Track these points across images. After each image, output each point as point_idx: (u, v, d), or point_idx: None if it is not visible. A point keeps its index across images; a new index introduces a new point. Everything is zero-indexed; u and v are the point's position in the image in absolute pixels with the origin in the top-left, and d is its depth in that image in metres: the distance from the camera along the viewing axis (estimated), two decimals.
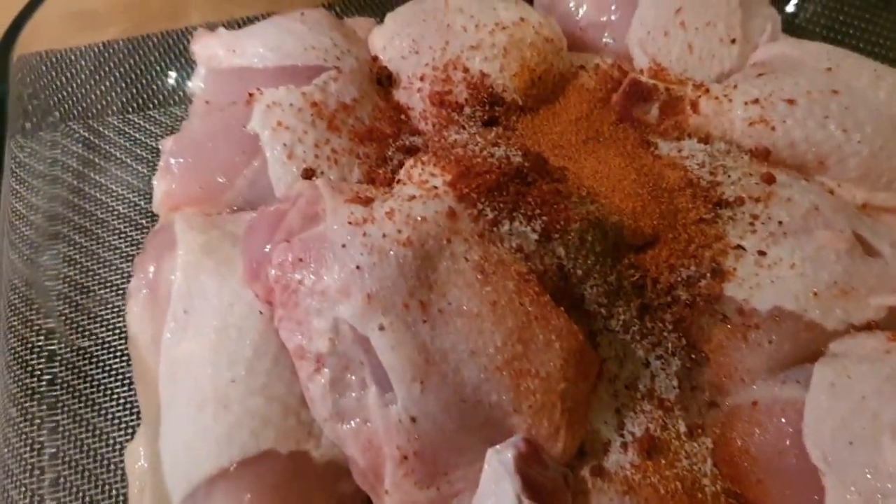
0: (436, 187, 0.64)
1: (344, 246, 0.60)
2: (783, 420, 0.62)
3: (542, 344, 0.60)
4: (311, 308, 0.60)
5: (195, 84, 0.84)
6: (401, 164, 0.74)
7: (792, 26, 0.97)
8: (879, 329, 0.66)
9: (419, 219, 0.61)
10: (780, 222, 0.67)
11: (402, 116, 0.77)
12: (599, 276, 0.64)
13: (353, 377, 0.60)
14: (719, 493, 0.61)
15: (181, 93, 0.91)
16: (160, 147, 0.77)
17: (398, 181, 0.71)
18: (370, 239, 0.60)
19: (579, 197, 0.66)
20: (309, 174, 0.72)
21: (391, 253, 0.59)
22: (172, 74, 0.93)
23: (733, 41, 0.81)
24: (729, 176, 0.70)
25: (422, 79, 0.76)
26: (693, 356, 0.65)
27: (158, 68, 0.94)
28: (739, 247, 0.66)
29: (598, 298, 0.63)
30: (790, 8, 1.00)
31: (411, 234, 0.60)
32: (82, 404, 0.71)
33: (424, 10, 0.81)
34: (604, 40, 0.85)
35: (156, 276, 0.67)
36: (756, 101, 0.73)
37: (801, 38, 0.94)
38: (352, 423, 0.60)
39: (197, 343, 0.63)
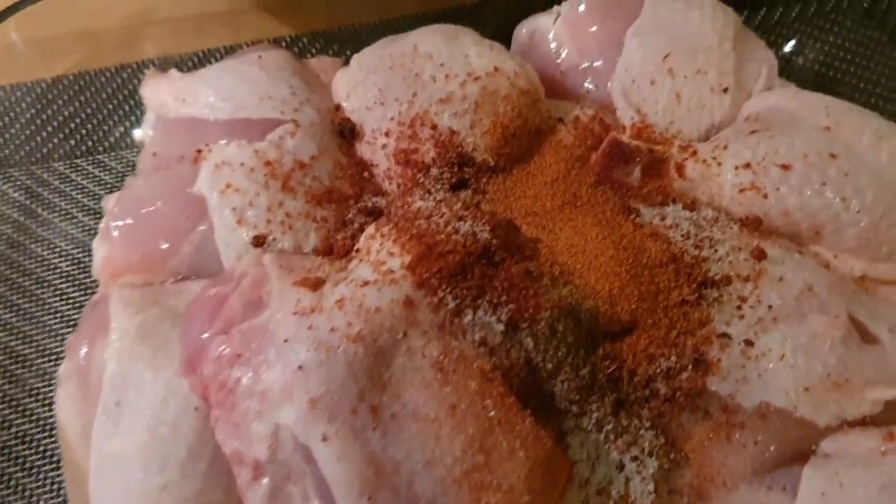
0: (392, 270, 0.57)
1: (287, 341, 0.54)
2: None
3: (506, 452, 0.54)
4: (249, 410, 0.54)
5: (144, 132, 0.77)
6: (362, 228, 0.68)
7: (790, 64, 0.91)
8: (876, 424, 0.60)
9: (372, 309, 0.55)
10: (771, 306, 0.61)
11: (366, 173, 0.71)
12: (571, 369, 0.58)
13: (295, 488, 0.55)
14: None
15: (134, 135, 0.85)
16: (102, 205, 0.71)
17: (357, 250, 0.65)
18: (316, 333, 0.54)
19: (551, 278, 0.60)
20: (260, 241, 0.66)
21: (339, 350, 0.54)
22: (125, 115, 0.87)
23: (725, 90, 0.75)
24: (716, 250, 0.64)
25: (387, 134, 0.70)
26: (672, 456, 0.59)
27: (111, 107, 0.87)
28: (725, 335, 0.60)
29: (569, 394, 0.58)
30: (788, 47, 0.93)
31: (363, 327, 0.54)
32: (12, 491, 0.65)
33: (392, 55, 0.74)
34: (585, 86, 0.79)
35: (88, 359, 0.62)
36: (748, 165, 0.66)
37: (800, 77, 0.88)
38: None
39: (128, 441, 0.57)
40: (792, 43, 0.93)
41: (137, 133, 0.82)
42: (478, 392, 0.54)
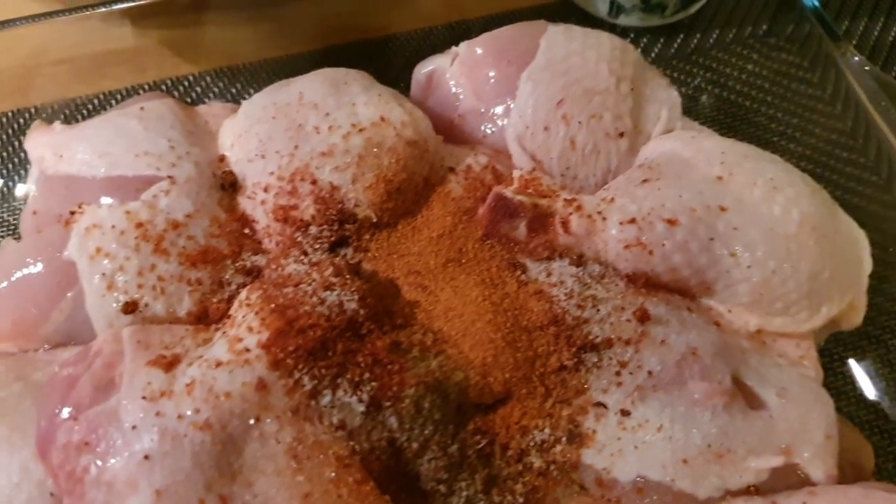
0: (248, 349, 0.55)
1: (134, 428, 0.52)
2: None
3: None
4: (97, 501, 0.52)
5: (28, 187, 0.75)
6: (239, 290, 0.65)
7: (697, 103, 0.89)
8: (761, 494, 0.59)
9: (222, 394, 0.53)
10: (651, 372, 0.59)
11: (247, 230, 0.69)
12: (439, 447, 0.56)
13: None
14: None
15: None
16: None
17: (229, 316, 0.62)
18: (164, 420, 0.52)
19: (422, 349, 0.58)
20: (131, 308, 0.63)
21: (186, 439, 0.52)
22: (20, 165, 0.84)
23: (621, 134, 0.73)
24: (598, 310, 0.62)
25: (266, 189, 0.68)
26: None
27: (4, 155, 0.85)
28: (601, 404, 0.58)
29: (436, 474, 0.56)
30: (705, 76, 0.91)
31: (211, 414, 0.52)
32: None
33: (277, 103, 0.72)
34: (483, 131, 0.76)
35: None
36: (633, 220, 0.64)
37: (718, 105, 0.86)
38: None
39: None
40: (709, 73, 0.90)
41: (20, 189, 0.79)
42: (333, 480, 0.52)
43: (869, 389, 0.74)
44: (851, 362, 0.75)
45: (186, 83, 0.91)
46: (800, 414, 0.61)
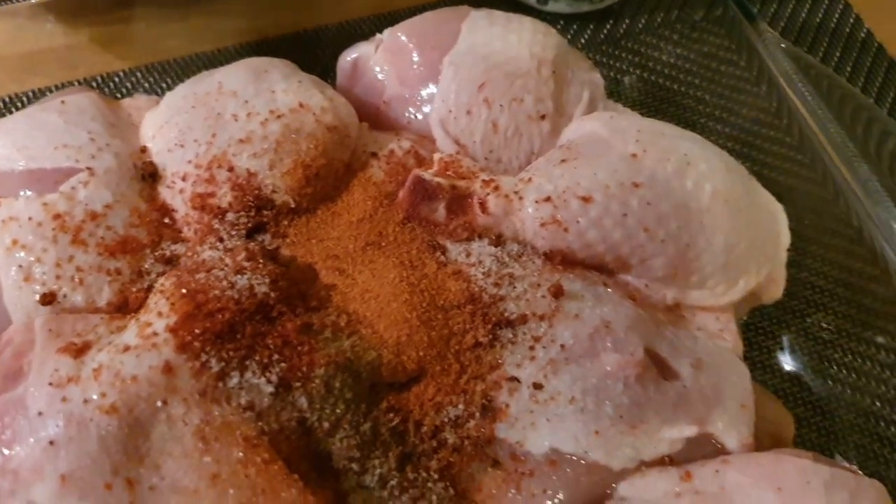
0: (156, 333, 0.55)
1: (40, 414, 0.52)
2: None
3: None
4: (3, 489, 0.52)
5: None
6: (160, 278, 0.65)
7: (624, 87, 0.90)
8: (675, 464, 0.59)
9: (129, 378, 0.53)
10: (563, 346, 0.60)
11: (167, 219, 0.68)
12: (350, 426, 0.56)
13: None
14: None
15: None
16: None
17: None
18: (69, 406, 0.52)
19: (334, 330, 0.58)
20: (49, 299, 0.63)
21: (92, 424, 0.51)
22: None
23: (543, 117, 0.73)
24: (514, 287, 0.63)
25: (184, 178, 0.68)
26: None
27: None
28: (514, 378, 0.58)
29: (348, 453, 0.56)
30: (633, 61, 0.92)
31: (117, 399, 0.52)
32: None
33: (197, 93, 0.72)
34: (407, 117, 0.76)
35: None
36: (548, 198, 0.65)
37: (648, 89, 0.87)
38: None
39: None
40: (637, 57, 0.91)
41: None
42: (240, 460, 0.52)
43: (791, 362, 0.75)
44: (774, 336, 0.76)
45: (117, 79, 0.91)
46: (714, 384, 0.61)
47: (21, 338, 0.57)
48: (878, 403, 0.73)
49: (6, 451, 0.53)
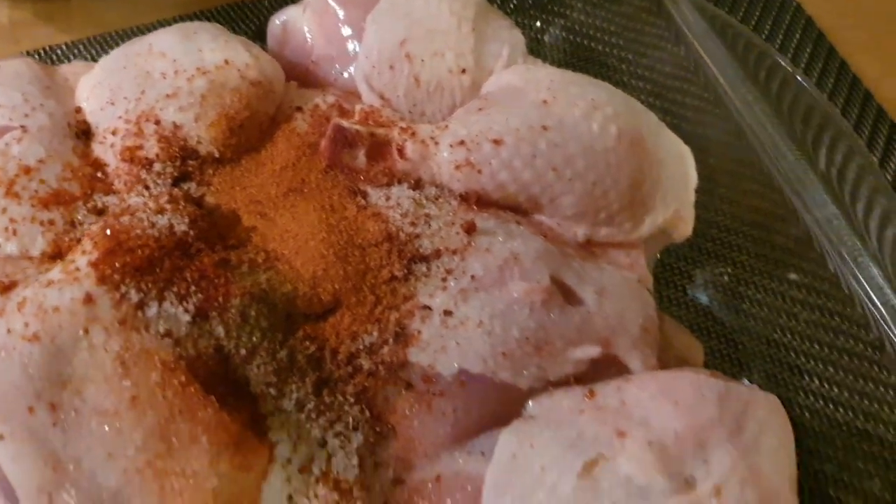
0: (79, 269, 0.58)
1: None
2: (461, 497, 0.58)
3: (187, 439, 0.55)
4: None
5: None
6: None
7: (546, 48, 0.93)
8: (582, 383, 0.62)
9: (51, 309, 0.56)
10: (474, 276, 0.63)
11: (99, 174, 0.71)
12: (267, 353, 0.59)
13: None
14: None
15: None
16: None
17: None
18: None
19: (251, 267, 0.61)
20: None
21: (15, 352, 0.54)
22: None
23: (463, 71, 0.76)
24: (430, 226, 0.66)
25: (114, 133, 0.71)
26: (378, 429, 0.61)
27: None
28: (426, 307, 0.62)
29: (265, 379, 0.59)
30: (558, 22, 0.95)
31: (40, 328, 0.55)
32: None
33: (128, 55, 0.75)
34: (334, 74, 0.79)
35: None
36: (462, 142, 0.68)
37: (565, 54, 0.91)
38: None
39: None
40: (562, 19, 0.95)
41: None
42: (158, 383, 0.55)
43: (703, 298, 0.79)
44: (687, 274, 0.80)
45: (59, 52, 0.93)
46: (617, 309, 0.65)
47: None
48: (788, 335, 0.77)
49: None
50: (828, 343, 0.77)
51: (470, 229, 0.65)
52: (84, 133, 0.74)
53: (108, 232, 0.61)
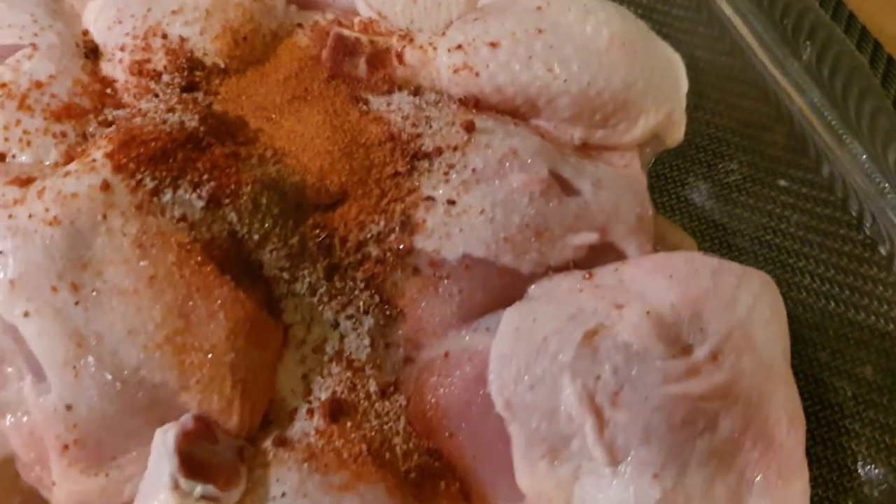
0: (95, 160, 0.60)
1: None
2: (469, 369, 0.60)
3: (205, 316, 0.57)
4: None
5: None
6: None
7: None
8: (580, 268, 0.65)
9: (69, 195, 0.58)
10: (474, 169, 0.66)
11: (108, 90, 0.73)
12: (279, 239, 0.61)
13: (11, 369, 0.58)
14: (412, 451, 0.60)
15: None
16: None
17: None
18: (15, 221, 0.57)
19: (260, 159, 0.64)
20: None
21: (36, 235, 0.56)
22: None
23: None
24: (431, 126, 0.68)
25: (122, 49, 0.73)
26: (387, 313, 0.63)
27: None
28: (430, 198, 0.64)
29: (278, 263, 0.61)
30: None
31: (59, 212, 0.57)
32: None
33: None
34: None
35: None
36: (459, 47, 0.70)
37: None
38: (13, 416, 0.57)
39: None
40: None
41: None
42: (175, 263, 0.57)
43: (697, 204, 0.81)
44: (681, 182, 0.82)
45: None
46: (613, 200, 0.68)
47: None
48: (780, 237, 0.80)
49: None
50: (818, 243, 0.79)
51: (469, 128, 0.68)
52: (92, 52, 0.76)
53: (122, 130, 0.63)
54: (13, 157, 0.69)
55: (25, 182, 0.61)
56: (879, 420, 0.70)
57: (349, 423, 0.59)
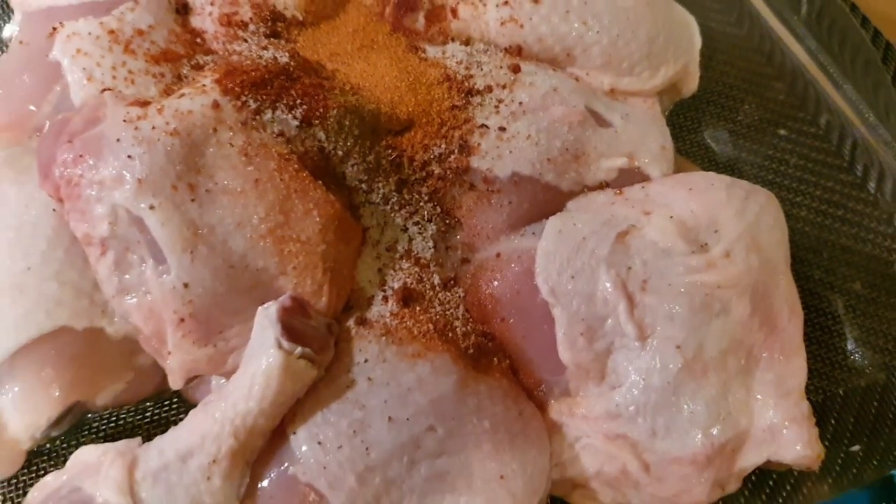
0: (204, 85, 0.71)
1: (118, 140, 0.67)
2: (518, 266, 0.71)
3: (301, 213, 0.68)
4: (91, 198, 0.67)
5: (11, 28, 0.90)
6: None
7: None
8: (612, 188, 0.76)
9: (185, 111, 0.69)
10: (521, 103, 0.77)
11: (198, 40, 0.85)
12: (359, 155, 0.72)
13: (134, 255, 0.67)
14: (470, 333, 0.70)
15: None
16: None
17: None
18: (141, 132, 0.67)
19: (341, 90, 0.75)
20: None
21: (159, 142, 0.67)
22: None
23: None
24: (482, 69, 0.80)
25: (212, 3, 0.84)
26: (447, 221, 0.74)
27: None
28: (483, 125, 0.75)
29: (358, 175, 0.72)
30: None
31: (178, 125, 0.68)
32: None
33: None
34: None
35: None
36: (506, 2, 0.82)
37: None
38: (135, 295, 0.68)
39: None
40: None
41: (7, 30, 0.94)
42: (276, 169, 0.68)
43: (708, 145, 0.93)
44: (695, 130, 0.94)
45: None
46: (640, 131, 0.79)
47: (95, 102, 0.73)
48: (780, 178, 0.91)
49: (92, 170, 0.68)
50: (814, 182, 0.91)
51: (515, 70, 0.79)
52: (183, 8, 0.87)
53: (225, 63, 0.74)
54: (119, 93, 0.79)
55: (144, 104, 0.72)
56: (866, 325, 0.81)
57: (418, 308, 0.70)
